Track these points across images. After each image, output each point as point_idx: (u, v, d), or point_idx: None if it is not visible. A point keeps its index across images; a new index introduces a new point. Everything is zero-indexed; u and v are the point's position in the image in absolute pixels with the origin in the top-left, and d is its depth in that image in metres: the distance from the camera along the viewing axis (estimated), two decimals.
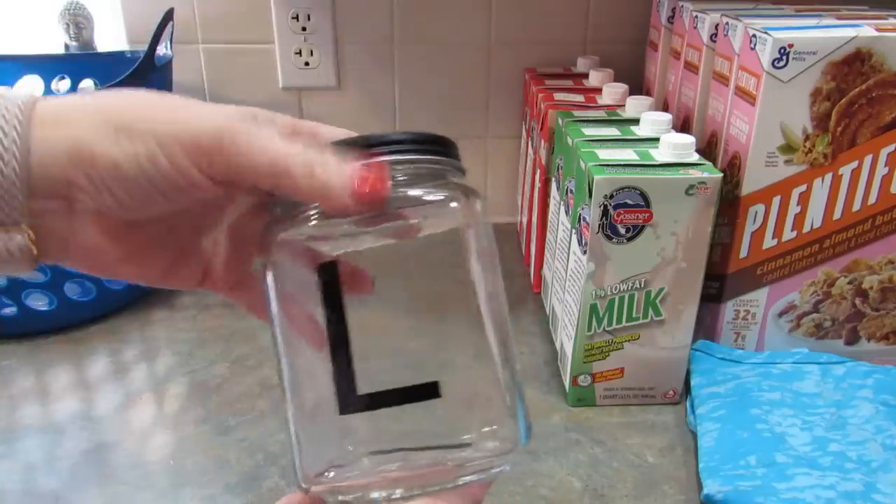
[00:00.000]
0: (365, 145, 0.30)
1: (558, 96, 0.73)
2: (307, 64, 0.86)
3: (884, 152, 0.57)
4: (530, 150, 0.80)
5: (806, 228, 0.59)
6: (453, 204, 0.31)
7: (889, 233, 0.59)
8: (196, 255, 0.35)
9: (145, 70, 0.67)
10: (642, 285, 0.55)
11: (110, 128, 0.28)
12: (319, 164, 0.28)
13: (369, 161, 0.29)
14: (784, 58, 0.53)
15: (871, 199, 0.58)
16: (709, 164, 0.54)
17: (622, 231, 0.53)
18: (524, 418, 0.35)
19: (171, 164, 0.28)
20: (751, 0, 0.72)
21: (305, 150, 0.28)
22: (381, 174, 0.28)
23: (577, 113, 0.67)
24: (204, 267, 0.35)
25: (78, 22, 0.83)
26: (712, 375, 0.59)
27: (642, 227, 0.53)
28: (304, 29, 0.85)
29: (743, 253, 0.60)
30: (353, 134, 0.32)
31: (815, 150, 0.56)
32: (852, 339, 0.64)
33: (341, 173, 0.28)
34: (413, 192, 0.31)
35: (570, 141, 0.60)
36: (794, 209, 0.58)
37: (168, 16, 0.69)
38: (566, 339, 0.60)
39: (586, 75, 0.79)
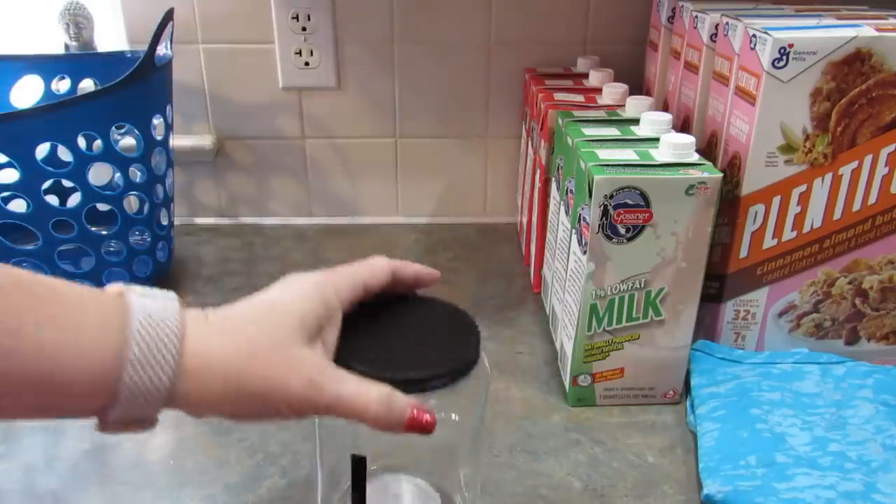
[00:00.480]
0: (403, 386, 0.37)
1: (558, 96, 0.73)
2: (307, 64, 0.86)
3: (884, 152, 0.57)
4: (530, 150, 0.80)
5: (806, 228, 0.59)
6: (455, 417, 0.41)
7: (889, 233, 0.59)
8: None
9: (145, 70, 0.67)
10: (642, 285, 0.55)
11: (232, 391, 0.34)
12: (385, 410, 0.36)
13: (418, 407, 0.37)
14: (784, 58, 0.53)
15: (871, 199, 0.58)
16: (709, 164, 0.54)
17: (622, 231, 0.53)
18: None
19: (276, 414, 0.35)
20: (751, 0, 0.72)
21: (376, 399, 0.36)
22: (428, 419, 0.37)
23: (577, 113, 0.67)
24: None
25: (78, 22, 0.83)
26: (712, 375, 0.59)
27: (642, 227, 0.53)
28: (304, 29, 0.85)
29: (743, 253, 0.60)
30: (384, 262, 0.41)
31: (815, 150, 0.56)
32: (852, 339, 0.64)
33: (401, 417, 0.36)
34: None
35: (570, 141, 0.60)
36: (794, 209, 0.58)
37: (168, 16, 0.69)
38: (566, 339, 0.60)
39: (586, 75, 0.79)
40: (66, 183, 0.69)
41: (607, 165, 0.53)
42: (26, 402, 0.31)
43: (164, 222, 0.77)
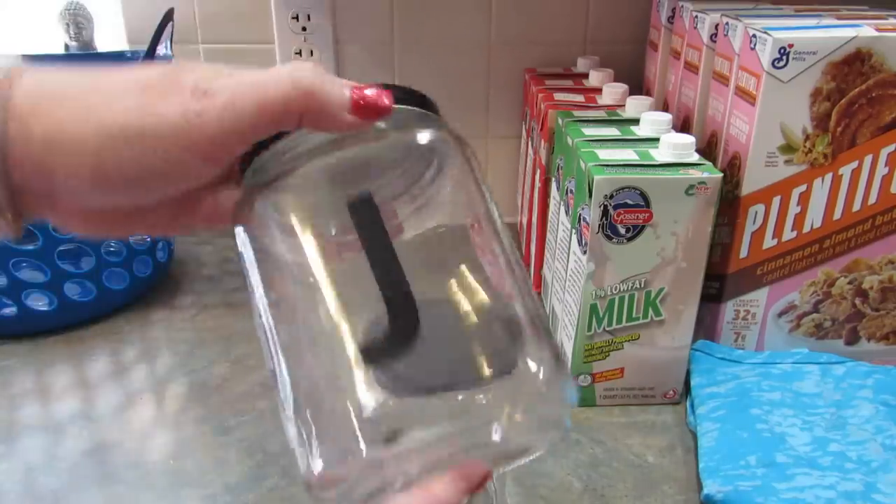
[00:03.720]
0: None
1: (558, 96, 0.73)
2: None
3: (884, 152, 0.57)
4: (530, 150, 0.80)
5: (806, 228, 0.59)
6: (449, 140, 0.31)
7: (889, 233, 0.59)
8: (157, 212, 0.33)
9: None
10: (642, 285, 0.55)
11: (88, 127, 0.27)
12: (312, 81, 0.28)
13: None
14: (784, 58, 0.53)
15: (871, 199, 0.58)
16: (709, 164, 0.54)
17: (622, 231, 0.53)
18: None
19: (160, 164, 0.27)
20: (751, 0, 0.72)
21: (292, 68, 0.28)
22: (380, 91, 0.29)
23: (577, 113, 0.67)
24: (171, 216, 0.34)
25: (78, 22, 0.83)
26: (712, 375, 0.59)
27: (642, 227, 0.53)
28: (304, 29, 0.85)
29: (743, 253, 0.60)
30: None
31: (815, 150, 0.56)
32: (852, 339, 0.64)
33: (335, 84, 0.28)
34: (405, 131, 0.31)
35: (570, 141, 0.60)
36: (794, 209, 0.58)
37: (168, 16, 0.69)
38: (566, 339, 0.60)
39: (586, 75, 0.79)
40: None
41: (607, 165, 0.53)
42: None
43: None
